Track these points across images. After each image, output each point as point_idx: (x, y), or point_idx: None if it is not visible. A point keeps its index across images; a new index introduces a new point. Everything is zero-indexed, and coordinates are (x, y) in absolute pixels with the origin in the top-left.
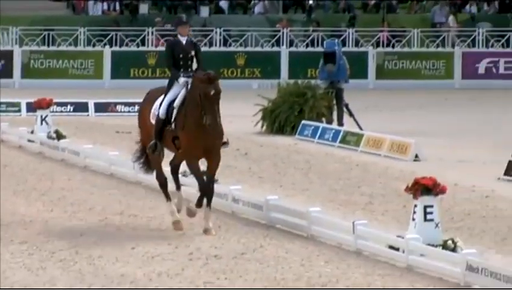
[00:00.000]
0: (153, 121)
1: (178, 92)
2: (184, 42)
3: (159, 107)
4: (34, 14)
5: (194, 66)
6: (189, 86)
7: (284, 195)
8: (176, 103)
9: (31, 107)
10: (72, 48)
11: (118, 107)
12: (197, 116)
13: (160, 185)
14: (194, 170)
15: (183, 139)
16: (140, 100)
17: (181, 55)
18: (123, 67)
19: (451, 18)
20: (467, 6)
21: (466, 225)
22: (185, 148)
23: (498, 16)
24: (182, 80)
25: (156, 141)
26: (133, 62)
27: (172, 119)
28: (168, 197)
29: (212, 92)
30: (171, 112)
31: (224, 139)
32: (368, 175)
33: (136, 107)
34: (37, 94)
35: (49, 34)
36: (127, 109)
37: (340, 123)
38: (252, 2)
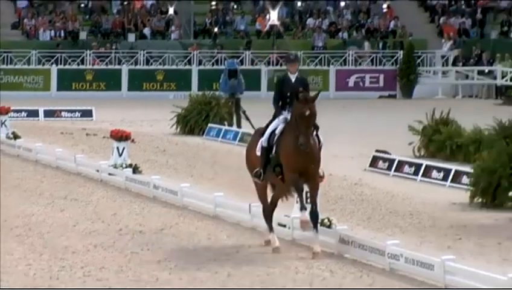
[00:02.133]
0: (259, 153)
1: (280, 123)
2: (293, 80)
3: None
4: None
5: None
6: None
7: (194, 183)
8: (277, 131)
9: None
10: (25, 66)
11: (63, 113)
12: (294, 136)
13: (265, 216)
14: (294, 182)
15: (282, 158)
16: (80, 107)
17: (289, 93)
18: (66, 81)
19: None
20: (340, 33)
21: (339, 207)
22: (285, 164)
23: (363, 41)
24: (284, 113)
25: (261, 169)
26: (74, 77)
27: (274, 147)
28: (271, 228)
29: (307, 113)
30: (272, 138)
31: (321, 173)
32: None
33: (77, 113)
34: None
35: (7, 56)
36: (70, 114)
37: (239, 126)
38: (169, 29)
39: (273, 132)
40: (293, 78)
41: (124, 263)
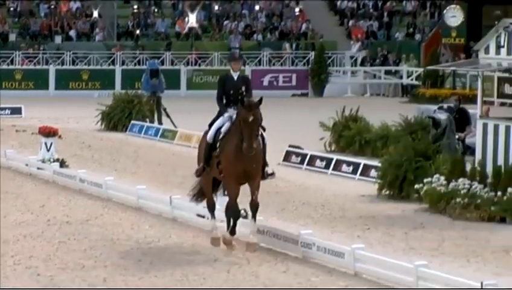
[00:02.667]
0: None
1: (225, 121)
2: (236, 78)
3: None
4: None
5: None
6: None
7: (118, 177)
8: (223, 129)
9: None
10: None
11: None
12: (237, 141)
13: (209, 207)
14: (229, 191)
15: (223, 162)
16: (10, 105)
17: (231, 91)
18: None
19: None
20: (255, 35)
21: None
22: (224, 170)
23: (277, 42)
24: (230, 111)
25: (203, 165)
26: (4, 77)
27: (218, 144)
28: (213, 216)
29: (250, 119)
30: (217, 136)
31: (270, 171)
32: (182, 161)
33: (7, 111)
34: None
35: None
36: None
37: (160, 123)
38: (94, 31)
39: (219, 129)
40: (235, 76)
41: (51, 252)
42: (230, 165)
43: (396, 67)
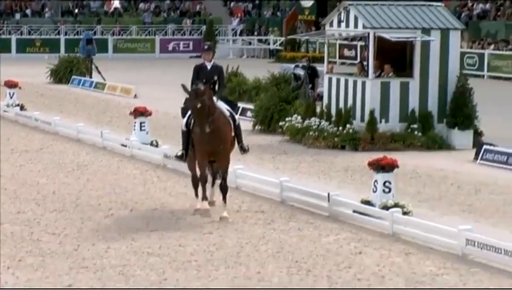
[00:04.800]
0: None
1: None
2: (209, 67)
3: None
4: None
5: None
6: None
7: (63, 117)
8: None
9: None
10: None
11: None
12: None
13: (193, 185)
14: (199, 166)
15: (194, 143)
16: None
17: (204, 80)
18: None
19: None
20: (162, 13)
21: (166, 134)
22: (195, 149)
23: (179, 18)
24: None
25: (183, 151)
26: None
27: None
28: (196, 195)
29: (198, 106)
30: (190, 123)
31: (245, 147)
32: (109, 106)
33: None
34: None
35: None
36: None
37: (91, 77)
38: (44, 10)
39: (190, 116)
40: (209, 65)
41: (15, 172)
42: (198, 146)
43: (265, 36)
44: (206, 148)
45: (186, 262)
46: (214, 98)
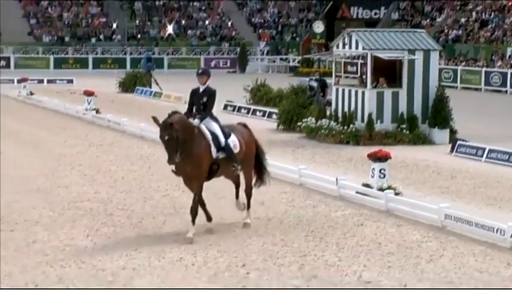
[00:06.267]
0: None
1: None
2: (201, 90)
3: None
4: None
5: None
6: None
7: (129, 118)
8: None
9: None
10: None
11: (57, 81)
12: None
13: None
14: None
15: None
16: (63, 77)
17: (196, 103)
18: (63, 64)
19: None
20: (207, 38)
21: None
22: None
23: (218, 42)
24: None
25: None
26: (62, 62)
27: None
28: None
29: (165, 138)
30: None
31: (236, 166)
32: (165, 111)
33: (65, 81)
34: None
35: None
36: (60, 82)
37: (150, 87)
38: (114, 35)
39: None
40: (201, 89)
41: (92, 161)
42: (176, 170)
43: (286, 56)
44: (180, 172)
45: (227, 231)
46: (196, 121)
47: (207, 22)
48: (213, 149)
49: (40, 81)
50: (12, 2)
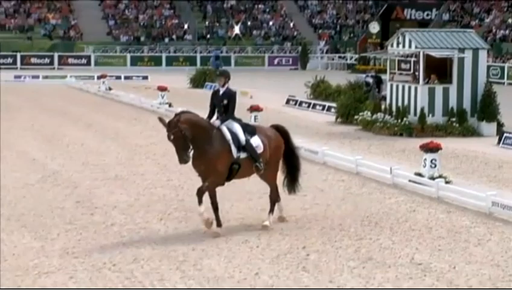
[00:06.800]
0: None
1: None
2: (221, 92)
3: None
4: None
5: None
6: None
7: (202, 113)
8: None
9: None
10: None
11: (133, 78)
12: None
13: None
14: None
15: None
16: (138, 74)
17: (216, 104)
18: (139, 61)
19: None
20: (271, 38)
21: (272, 122)
22: None
23: (281, 41)
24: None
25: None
26: (137, 60)
27: None
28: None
29: (171, 138)
30: None
31: (259, 166)
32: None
33: (140, 78)
34: None
35: None
36: (136, 78)
37: None
38: (185, 36)
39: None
40: (221, 91)
41: (167, 151)
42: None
43: (344, 54)
44: (197, 169)
45: (288, 216)
46: (217, 122)
47: (271, 23)
48: (233, 149)
49: (118, 78)
50: (93, 5)
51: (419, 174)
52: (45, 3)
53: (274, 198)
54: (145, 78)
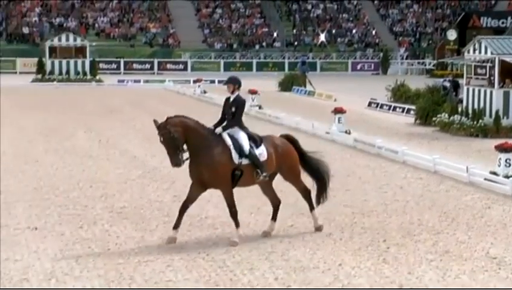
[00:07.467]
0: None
1: None
2: (231, 99)
3: None
4: None
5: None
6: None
7: (286, 113)
8: None
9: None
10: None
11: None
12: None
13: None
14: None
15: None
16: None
17: (226, 111)
18: (232, 67)
19: None
20: (354, 45)
21: (357, 124)
22: None
23: (364, 48)
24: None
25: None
26: (230, 65)
27: None
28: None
29: (160, 139)
30: None
31: (263, 175)
32: (318, 107)
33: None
34: None
35: None
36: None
37: (305, 87)
38: (274, 43)
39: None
40: (231, 98)
41: None
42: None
43: (423, 60)
44: (192, 177)
45: (369, 211)
46: (218, 129)
47: (354, 31)
48: (234, 154)
49: (212, 82)
50: (190, 15)
51: (495, 173)
52: (146, 13)
53: (307, 196)
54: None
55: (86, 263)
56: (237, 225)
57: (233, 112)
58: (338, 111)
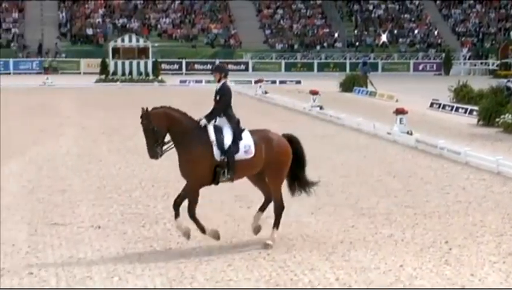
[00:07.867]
0: None
1: None
2: (218, 87)
3: None
4: None
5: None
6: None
7: (347, 114)
8: None
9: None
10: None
11: (287, 82)
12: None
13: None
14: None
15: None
16: (291, 79)
17: (214, 99)
18: (292, 67)
19: None
20: (416, 46)
21: (419, 124)
22: None
23: (426, 48)
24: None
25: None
26: (291, 66)
27: None
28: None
29: (143, 128)
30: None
31: (227, 177)
32: (379, 107)
33: (294, 82)
34: None
35: None
36: (290, 82)
37: (366, 87)
38: (335, 43)
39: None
40: (218, 86)
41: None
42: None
43: (486, 60)
44: (179, 170)
45: (431, 212)
46: (203, 121)
47: (416, 31)
48: (215, 151)
49: (273, 82)
50: (251, 16)
51: None
52: (208, 14)
53: (278, 212)
54: (298, 82)
55: (147, 262)
56: (195, 221)
57: (218, 101)
58: (400, 112)
